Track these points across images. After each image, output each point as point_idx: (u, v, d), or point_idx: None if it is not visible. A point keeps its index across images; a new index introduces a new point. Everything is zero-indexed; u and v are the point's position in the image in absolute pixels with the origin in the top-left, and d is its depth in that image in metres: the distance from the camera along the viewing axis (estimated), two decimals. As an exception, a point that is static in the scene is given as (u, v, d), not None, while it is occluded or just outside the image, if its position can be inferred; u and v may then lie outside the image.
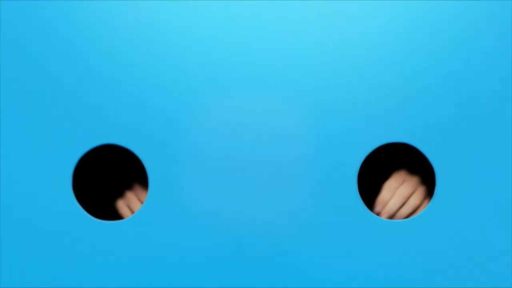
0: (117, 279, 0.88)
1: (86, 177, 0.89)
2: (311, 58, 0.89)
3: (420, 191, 0.92)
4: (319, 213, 0.89)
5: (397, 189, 0.92)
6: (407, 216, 0.92)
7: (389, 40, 0.90)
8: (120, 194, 0.96)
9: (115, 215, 0.97)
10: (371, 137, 0.89)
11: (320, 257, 0.89)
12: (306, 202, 0.89)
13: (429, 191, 0.95)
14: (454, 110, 0.89)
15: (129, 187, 0.97)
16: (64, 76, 0.86)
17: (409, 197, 0.92)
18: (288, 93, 0.89)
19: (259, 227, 0.88)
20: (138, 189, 0.97)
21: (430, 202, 0.88)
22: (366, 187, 0.93)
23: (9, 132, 0.88)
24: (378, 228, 0.89)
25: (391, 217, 0.91)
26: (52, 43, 0.88)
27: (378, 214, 0.92)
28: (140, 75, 0.88)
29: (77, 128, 0.88)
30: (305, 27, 0.89)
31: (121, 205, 0.97)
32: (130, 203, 0.97)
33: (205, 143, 0.89)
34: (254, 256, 0.88)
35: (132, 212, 0.95)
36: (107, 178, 1.03)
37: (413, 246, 0.89)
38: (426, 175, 0.91)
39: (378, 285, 0.89)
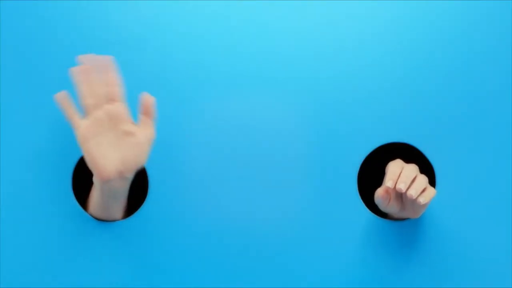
0: (117, 279, 0.88)
1: (86, 177, 0.88)
2: (311, 58, 0.89)
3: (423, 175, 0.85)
4: (319, 213, 0.89)
5: (404, 166, 0.83)
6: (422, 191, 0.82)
7: (389, 41, 0.90)
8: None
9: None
10: (371, 137, 0.89)
11: (320, 256, 0.89)
12: (306, 202, 0.89)
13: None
14: (454, 110, 0.89)
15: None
16: (64, 76, 0.86)
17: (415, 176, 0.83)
18: (288, 93, 0.89)
19: (258, 226, 0.88)
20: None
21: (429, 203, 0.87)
22: (366, 187, 0.93)
23: (9, 133, 0.88)
24: (377, 228, 0.89)
25: (407, 189, 0.80)
26: (52, 43, 0.88)
27: (386, 194, 0.82)
28: (139, 75, 0.88)
29: (77, 128, 0.88)
30: (305, 27, 0.89)
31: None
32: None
33: (205, 143, 0.89)
34: (254, 256, 0.88)
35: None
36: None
37: (413, 246, 0.89)
38: (425, 175, 0.91)
39: (378, 284, 0.89)
